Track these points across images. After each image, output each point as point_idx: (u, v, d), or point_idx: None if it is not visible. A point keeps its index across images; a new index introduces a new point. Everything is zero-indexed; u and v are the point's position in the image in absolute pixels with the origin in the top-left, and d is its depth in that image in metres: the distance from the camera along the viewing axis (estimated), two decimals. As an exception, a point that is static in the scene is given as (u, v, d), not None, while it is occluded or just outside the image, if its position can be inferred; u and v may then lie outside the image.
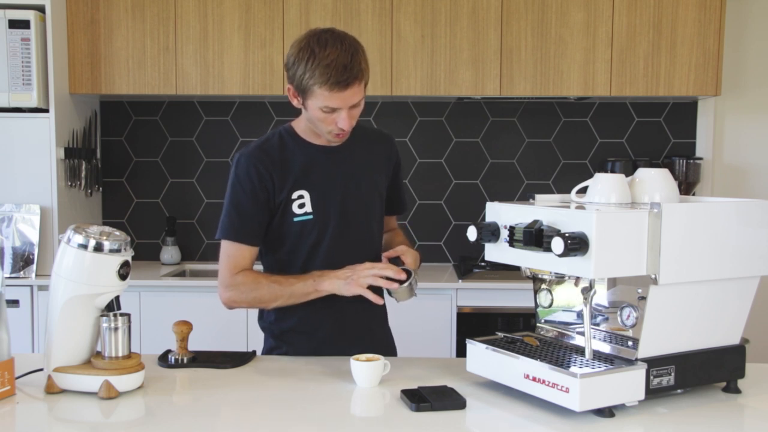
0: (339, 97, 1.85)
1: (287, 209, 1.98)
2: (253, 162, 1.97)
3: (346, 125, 1.90)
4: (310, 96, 1.88)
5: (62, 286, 1.67)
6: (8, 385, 1.67)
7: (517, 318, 3.35)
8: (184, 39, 3.56)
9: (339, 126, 1.91)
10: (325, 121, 1.91)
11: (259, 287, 1.95)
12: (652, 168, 1.74)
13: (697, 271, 1.61)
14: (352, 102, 1.89)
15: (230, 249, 1.98)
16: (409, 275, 1.93)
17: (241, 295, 1.97)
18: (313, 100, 1.88)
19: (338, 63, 1.83)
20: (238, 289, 1.97)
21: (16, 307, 3.32)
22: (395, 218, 2.29)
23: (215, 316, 3.33)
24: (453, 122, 3.93)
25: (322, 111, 1.89)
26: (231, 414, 1.61)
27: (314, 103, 1.88)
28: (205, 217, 3.99)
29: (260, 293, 1.96)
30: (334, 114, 1.89)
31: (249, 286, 1.96)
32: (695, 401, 1.66)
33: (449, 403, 1.60)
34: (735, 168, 3.90)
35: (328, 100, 1.86)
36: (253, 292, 1.96)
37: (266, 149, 2.00)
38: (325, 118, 1.90)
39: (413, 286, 1.93)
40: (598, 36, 3.51)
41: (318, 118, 1.91)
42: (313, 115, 1.92)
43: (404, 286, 1.91)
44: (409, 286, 1.92)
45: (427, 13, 3.53)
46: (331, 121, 1.90)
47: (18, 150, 3.41)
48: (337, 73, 1.82)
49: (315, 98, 1.87)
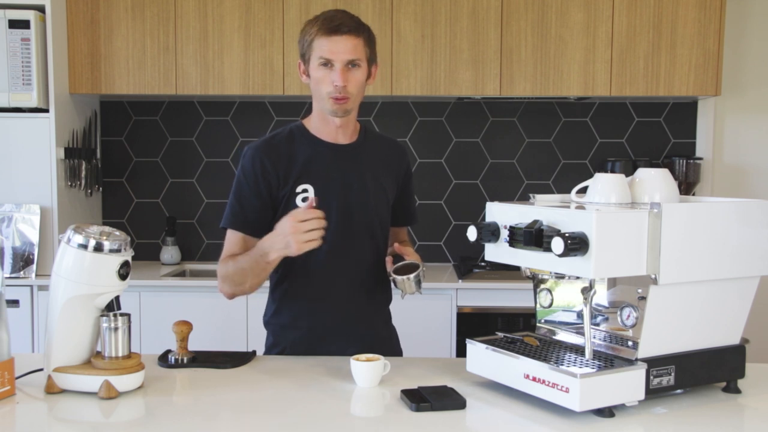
0: (334, 44, 1.91)
1: (290, 202, 1.99)
2: (259, 155, 2.00)
3: (340, 80, 1.93)
4: (311, 52, 1.95)
5: (62, 286, 1.67)
6: (8, 385, 1.67)
7: (517, 318, 3.35)
8: (184, 39, 3.56)
9: (334, 84, 1.93)
10: (323, 81, 1.95)
11: (228, 271, 1.98)
12: (652, 168, 1.74)
13: (697, 271, 1.61)
14: (346, 54, 1.92)
15: (228, 237, 2.03)
16: (417, 268, 1.94)
17: (223, 283, 2.00)
18: (312, 56, 1.95)
19: (335, 14, 1.96)
20: (220, 276, 2.01)
21: (16, 307, 3.32)
22: (405, 231, 2.29)
23: (215, 316, 3.35)
24: (453, 122, 3.93)
25: (319, 68, 1.94)
26: (231, 414, 1.61)
27: (314, 59, 1.95)
28: (205, 217, 3.99)
29: (231, 277, 1.98)
30: (331, 72, 1.93)
31: (223, 271, 1.99)
32: (695, 401, 1.66)
33: (449, 403, 1.60)
34: (735, 168, 3.90)
35: (323, 49, 1.92)
36: (229, 278, 1.98)
37: (274, 143, 2.03)
38: (323, 78, 1.94)
39: (421, 279, 1.95)
40: (598, 36, 3.51)
41: (317, 79, 1.96)
42: (314, 78, 1.97)
43: (411, 277, 1.94)
44: (417, 278, 1.94)
45: (427, 13, 3.53)
46: (328, 81, 1.94)
47: (18, 150, 3.41)
48: (331, 20, 1.94)
49: (314, 51, 1.94)
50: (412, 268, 1.97)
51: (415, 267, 1.97)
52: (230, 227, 2.02)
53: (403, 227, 2.26)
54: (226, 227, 2.03)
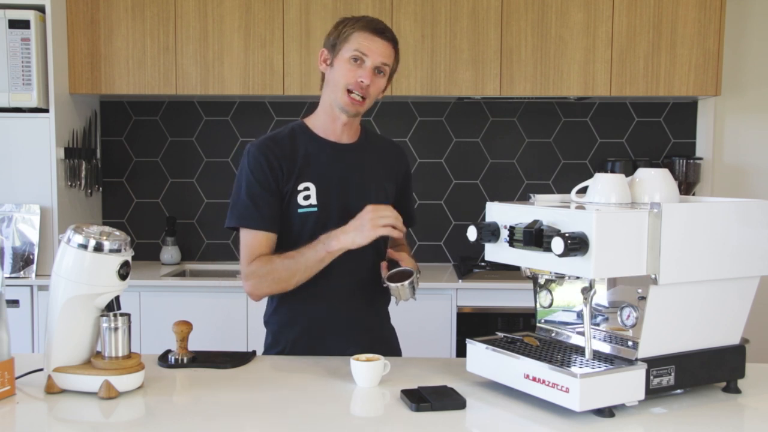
0: (373, 43, 1.97)
1: (293, 200, 2.00)
2: (263, 151, 2.00)
3: (367, 78, 1.96)
4: (345, 44, 1.98)
5: (62, 286, 1.67)
6: (8, 385, 1.67)
7: (517, 318, 3.35)
8: (184, 39, 3.56)
9: (359, 79, 1.95)
10: (348, 73, 1.97)
11: (273, 268, 1.96)
12: (652, 168, 1.74)
13: (697, 271, 1.61)
14: (381, 56, 1.97)
15: (247, 238, 2.00)
16: (411, 275, 1.94)
17: (260, 282, 1.97)
18: (346, 48, 1.97)
19: (379, 20, 2.04)
20: (255, 275, 1.97)
21: (16, 307, 3.32)
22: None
23: (215, 316, 3.35)
24: (453, 122, 3.93)
25: (351, 60, 1.96)
26: (231, 414, 1.61)
27: (346, 51, 1.97)
28: (205, 217, 3.99)
29: (277, 274, 1.96)
30: (360, 68, 1.96)
31: (264, 270, 1.96)
32: (695, 401, 1.66)
33: (449, 403, 1.60)
34: (735, 168, 3.90)
35: (362, 44, 1.96)
36: (270, 275, 1.96)
37: (276, 140, 2.04)
38: (349, 70, 1.97)
39: (415, 286, 1.94)
40: (598, 36, 3.51)
41: (343, 70, 1.97)
42: (338, 69, 1.98)
43: (406, 284, 1.94)
44: (411, 285, 1.94)
45: (427, 13, 3.53)
46: (354, 74, 1.96)
47: (18, 150, 3.41)
48: (377, 23, 2.01)
49: (349, 44, 1.97)
50: (406, 275, 1.97)
51: (410, 274, 1.97)
52: (247, 226, 1.99)
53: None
54: (239, 227, 2.00)
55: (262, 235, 1.99)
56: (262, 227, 1.99)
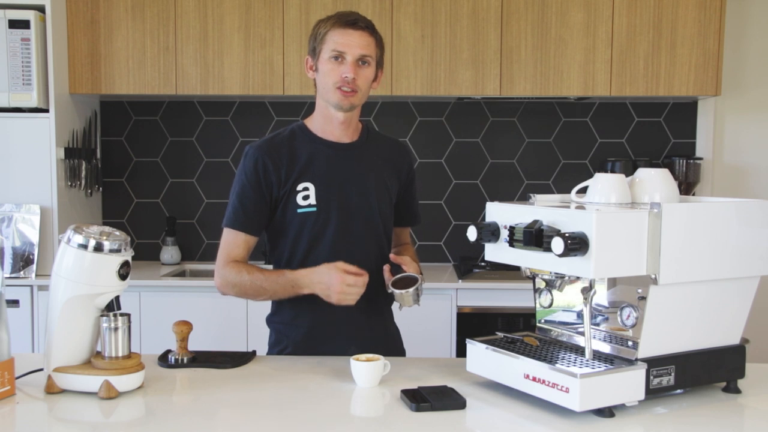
0: (348, 37, 1.95)
1: (291, 200, 2.00)
2: (260, 154, 2.01)
3: (350, 72, 1.95)
4: (322, 45, 1.98)
5: (62, 286, 1.67)
6: (8, 385, 1.67)
7: (517, 318, 3.35)
8: (184, 39, 3.56)
9: (343, 75, 1.95)
10: (332, 73, 1.97)
11: (242, 281, 1.99)
12: (652, 168, 1.74)
13: (697, 271, 1.61)
14: (359, 48, 1.96)
15: (228, 236, 2.04)
16: (416, 282, 1.94)
17: (228, 287, 2.02)
18: (324, 49, 1.97)
19: (351, 12, 2.03)
20: (225, 280, 2.02)
21: (16, 307, 3.32)
22: (408, 231, 2.29)
23: (215, 316, 3.35)
24: (453, 122, 3.93)
25: (331, 60, 1.96)
26: (231, 414, 1.61)
27: (325, 52, 1.97)
28: (205, 217, 3.99)
29: (244, 288, 2.00)
30: (342, 64, 1.96)
31: (235, 279, 2.00)
32: (695, 401, 1.66)
33: (449, 403, 1.60)
34: (735, 168, 3.89)
35: (337, 41, 1.95)
36: (238, 286, 2.01)
37: (275, 142, 2.04)
38: (332, 69, 1.97)
39: (419, 293, 1.94)
40: (598, 36, 3.51)
41: (326, 71, 1.97)
42: (322, 71, 1.99)
43: (410, 291, 1.93)
44: (415, 292, 1.93)
45: (427, 13, 3.53)
46: (337, 72, 1.96)
47: (18, 150, 3.41)
48: (348, 16, 1.99)
49: (326, 44, 1.97)
50: (411, 281, 1.97)
51: (414, 280, 1.96)
52: (231, 227, 2.03)
53: (406, 227, 2.26)
54: (225, 226, 2.04)
55: (242, 237, 2.02)
56: (243, 229, 2.02)
